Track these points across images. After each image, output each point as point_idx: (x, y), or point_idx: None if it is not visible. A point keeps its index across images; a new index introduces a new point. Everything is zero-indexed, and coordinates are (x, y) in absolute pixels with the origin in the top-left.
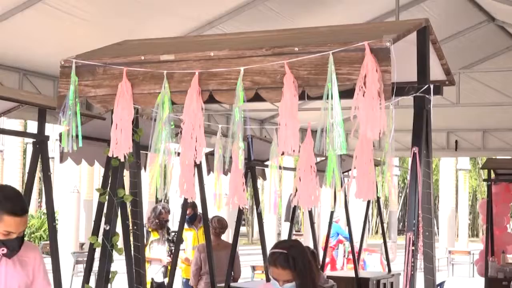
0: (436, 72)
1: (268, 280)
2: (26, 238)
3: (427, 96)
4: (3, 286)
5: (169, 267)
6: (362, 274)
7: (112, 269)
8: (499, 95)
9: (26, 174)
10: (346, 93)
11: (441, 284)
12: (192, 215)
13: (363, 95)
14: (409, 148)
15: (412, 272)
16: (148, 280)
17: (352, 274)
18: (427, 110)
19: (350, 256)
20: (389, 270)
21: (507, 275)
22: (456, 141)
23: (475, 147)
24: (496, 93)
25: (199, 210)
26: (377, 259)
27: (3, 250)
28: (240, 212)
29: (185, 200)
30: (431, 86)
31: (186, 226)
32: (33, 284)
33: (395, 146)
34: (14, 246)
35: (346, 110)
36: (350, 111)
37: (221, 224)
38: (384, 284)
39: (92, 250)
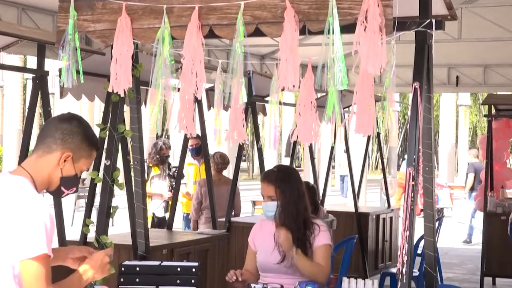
0: (437, 6)
1: None
2: None
3: (428, 31)
4: None
5: (170, 202)
6: (362, 209)
7: (113, 204)
8: (501, 30)
9: (27, 110)
10: (347, 28)
11: (440, 218)
12: (199, 146)
13: (364, 30)
14: (410, 83)
15: (412, 207)
16: (149, 215)
17: (352, 209)
18: (429, 45)
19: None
20: (389, 205)
21: (505, 210)
22: (457, 77)
23: (476, 82)
24: (498, 29)
25: None
26: (446, 193)
27: (71, 190)
28: (241, 147)
29: (185, 135)
30: (433, 21)
31: (190, 158)
32: None
33: (395, 81)
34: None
35: (347, 45)
36: (351, 46)
37: (223, 160)
38: (384, 219)
39: (93, 185)
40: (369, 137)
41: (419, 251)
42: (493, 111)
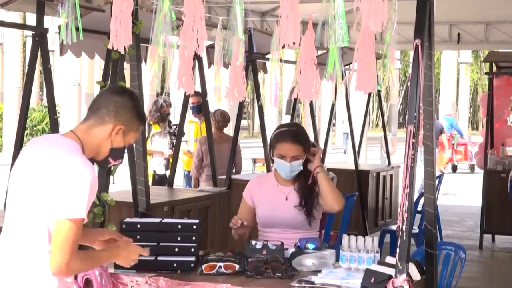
0: None
1: (268, 170)
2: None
3: None
4: None
5: (170, 160)
6: (362, 166)
7: None
8: None
9: (27, 67)
10: None
11: (440, 176)
12: (200, 104)
13: None
14: (411, 41)
15: (412, 165)
16: (150, 172)
17: (352, 166)
18: (430, 2)
19: (459, 148)
20: (389, 163)
21: (505, 167)
22: (458, 34)
23: (478, 40)
24: None
25: None
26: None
27: (117, 161)
28: (241, 105)
29: (185, 93)
30: None
31: (191, 115)
32: None
33: (397, 38)
34: None
35: (348, 2)
36: (352, 3)
37: (224, 117)
38: (384, 176)
39: None
40: (369, 95)
41: (419, 209)
42: (494, 68)
